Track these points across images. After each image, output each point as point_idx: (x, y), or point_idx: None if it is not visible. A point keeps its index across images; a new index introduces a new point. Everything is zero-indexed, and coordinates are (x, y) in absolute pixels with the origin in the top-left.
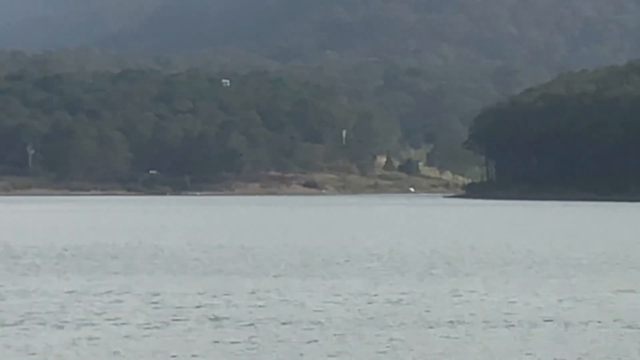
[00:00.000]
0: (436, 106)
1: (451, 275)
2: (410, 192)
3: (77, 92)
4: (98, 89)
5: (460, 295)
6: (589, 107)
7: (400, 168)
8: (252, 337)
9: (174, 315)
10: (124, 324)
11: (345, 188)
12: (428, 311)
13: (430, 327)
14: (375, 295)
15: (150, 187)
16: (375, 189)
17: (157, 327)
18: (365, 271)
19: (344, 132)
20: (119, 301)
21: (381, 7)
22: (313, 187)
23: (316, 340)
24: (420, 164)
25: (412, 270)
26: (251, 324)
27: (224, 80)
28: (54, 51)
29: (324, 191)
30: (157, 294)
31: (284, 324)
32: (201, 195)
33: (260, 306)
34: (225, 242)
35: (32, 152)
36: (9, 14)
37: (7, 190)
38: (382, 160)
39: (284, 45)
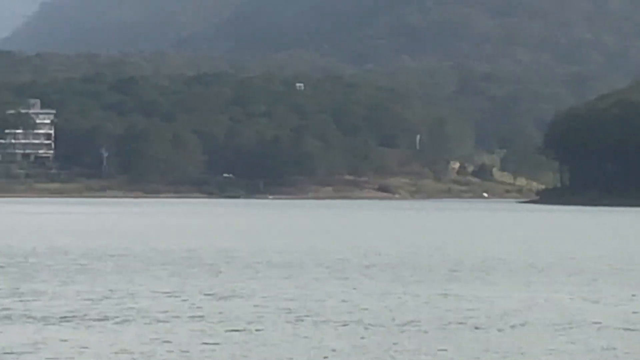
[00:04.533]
0: (510, 111)
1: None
2: (483, 197)
3: (152, 94)
4: (173, 92)
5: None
6: None
7: (474, 173)
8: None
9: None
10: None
11: (418, 193)
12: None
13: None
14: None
15: (224, 190)
16: (449, 194)
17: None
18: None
19: (418, 137)
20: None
21: (456, 11)
22: (386, 191)
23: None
24: (494, 169)
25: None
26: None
27: (298, 84)
28: (129, 54)
29: (396, 196)
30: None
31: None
32: (274, 198)
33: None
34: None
35: (106, 154)
36: (85, 17)
37: (80, 193)
38: (456, 165)
39: (359, 50)
